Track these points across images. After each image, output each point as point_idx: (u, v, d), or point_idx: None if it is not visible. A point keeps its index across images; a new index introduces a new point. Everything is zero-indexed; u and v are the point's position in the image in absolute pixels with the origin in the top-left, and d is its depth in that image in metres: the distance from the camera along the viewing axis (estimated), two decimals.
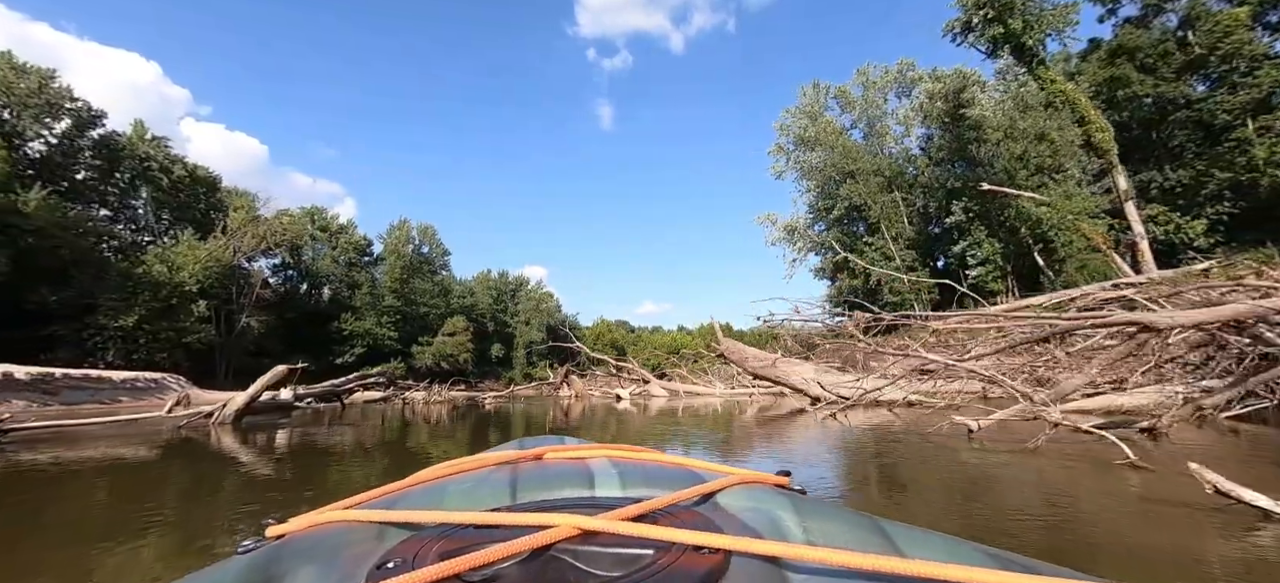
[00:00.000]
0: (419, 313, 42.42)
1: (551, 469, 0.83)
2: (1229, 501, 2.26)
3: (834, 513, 0.63)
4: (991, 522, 2.51)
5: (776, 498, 0.68)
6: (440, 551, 0.54)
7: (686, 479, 0.76)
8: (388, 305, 39.67)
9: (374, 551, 0.57)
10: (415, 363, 40.12)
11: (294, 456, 5.32)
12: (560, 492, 0.74)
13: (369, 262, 43.49)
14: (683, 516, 0.63)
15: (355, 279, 40.72)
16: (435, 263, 44.35)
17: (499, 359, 48.23)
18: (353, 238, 40.81)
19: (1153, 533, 2.25)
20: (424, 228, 43.60)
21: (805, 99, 28.87)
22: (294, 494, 3.56)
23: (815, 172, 28.28)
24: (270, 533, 0.65)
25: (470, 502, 0.71)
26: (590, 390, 17.00)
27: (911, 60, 26.05)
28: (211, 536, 2.57)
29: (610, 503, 0.68)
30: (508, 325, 51.16)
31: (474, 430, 7.59)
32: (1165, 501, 2.64)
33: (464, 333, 41.57)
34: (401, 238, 41.08)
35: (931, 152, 24.98)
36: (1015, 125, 21.08)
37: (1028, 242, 20.41)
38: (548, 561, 0.51)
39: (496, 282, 53.90)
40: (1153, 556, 1.97)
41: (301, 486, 3.91)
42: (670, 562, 0.50)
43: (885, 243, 24.72)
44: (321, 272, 40.07)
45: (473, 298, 50.43)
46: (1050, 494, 3.00)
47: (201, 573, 0.53)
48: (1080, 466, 3.61)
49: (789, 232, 30.74)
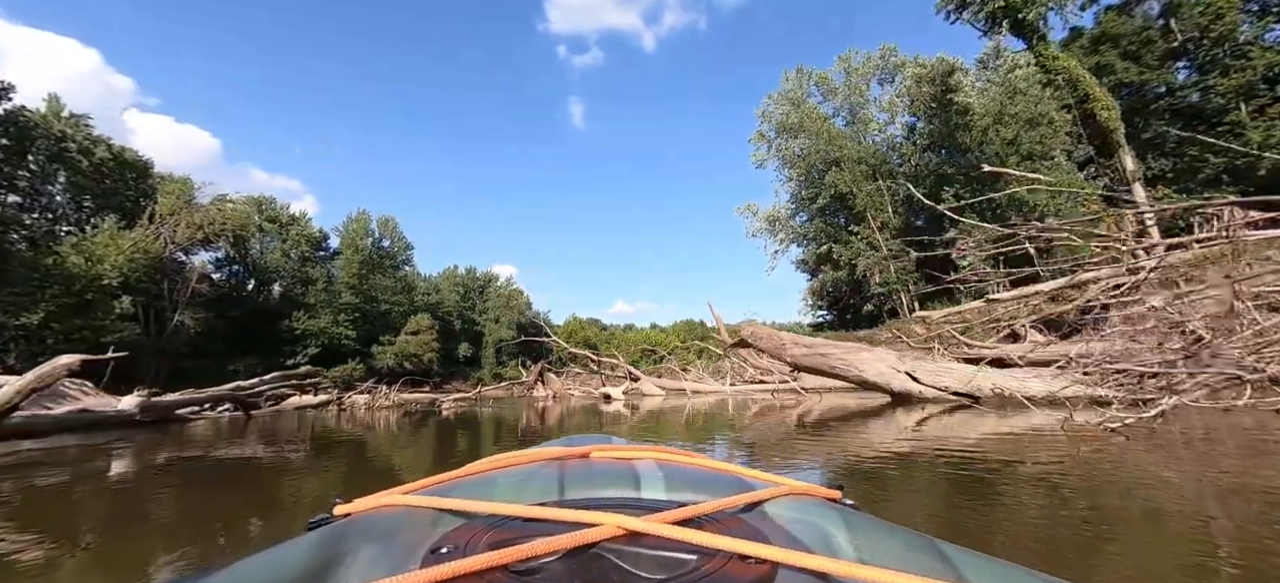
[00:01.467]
0: (380, 311, 39.82)
1: (598, 468, 0.83)
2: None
3: (889, 531, 0.61)
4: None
5: (827, 512, 0.67)
6: (490, 540, 0.56)
7: (734, 486, 0.75)
8: (345, 302, 37.01)
9: (429, 535, 0.60)
10: (376, 364, 37.58)
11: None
12: (606, 491, 0.74)
13: (325, 256, 40.62)
14: (729, 523, 0.62)
15: (309, 274, 37.89)
16: (397, 257, 41.77)
17: (467, 359, 45.96)
18: (306, 230, 37.97)
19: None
20: (385, 220, 41.03)
21: (788, 84, 27.90)
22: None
23: (798, 160, 27.34)
24: (337, 511, 0.69)
25: (519, 495, 0.72)
26: (569, 389, 15.42)
27: (893, 45, 25.42)
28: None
29: (656, 505, 0.68)
30: (476, 323, 48.88)
31: (407, 451, 5.34)
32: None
33: (428, 331, 39.22)
34: (359, 230, 38.43)
35: (918, 138, 24.30)
36: (1005, 110, 20.48)
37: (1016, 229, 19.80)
38: (592, 558, 0.51)
39: (464, 278, 51.52)
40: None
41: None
42: (715, 569, 0.49)
43: (871, 232, 23.91)
44: (271, 266, 37.10)
45: (438, 295, 47.95)
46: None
47: (278, 546, 0.58)
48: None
49: (770, 222, 29.77)
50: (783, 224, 29.64)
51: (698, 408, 8.47)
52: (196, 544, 2.28)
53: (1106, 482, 2.75)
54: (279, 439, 6.27)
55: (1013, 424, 4.90)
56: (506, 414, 10.33)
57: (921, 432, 4.76)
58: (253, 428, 7.92)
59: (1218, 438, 3.69)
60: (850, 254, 24.77)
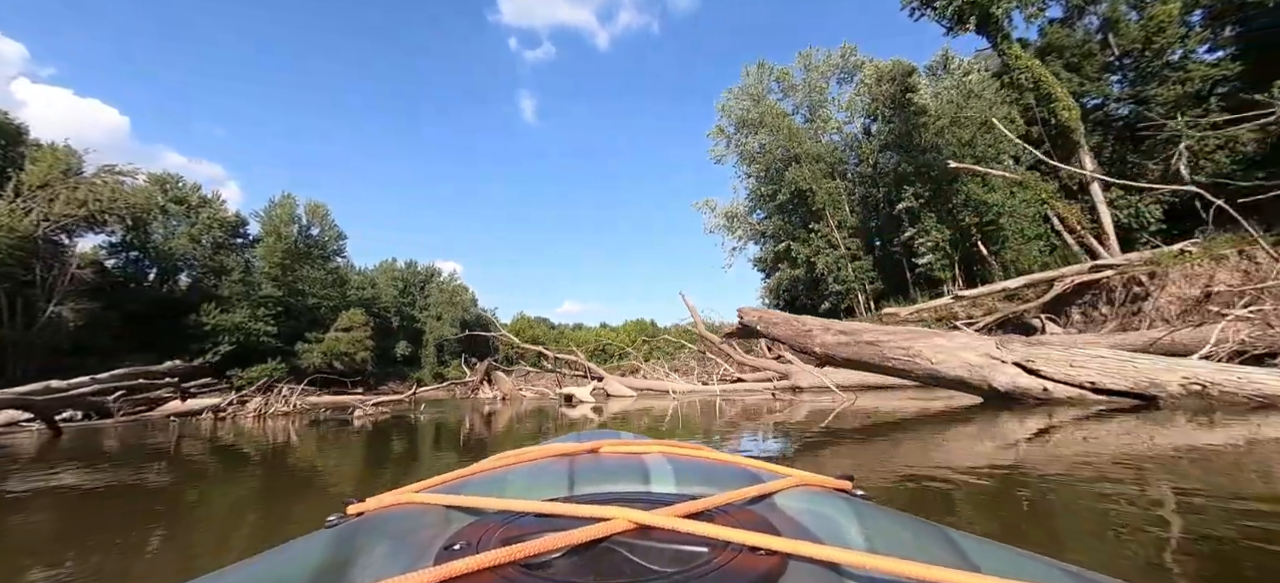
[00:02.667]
0: (306, 305, 36.39)
1: (608, 463, 0.83)
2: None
3: (899, 521, 0.61)
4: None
5: (837, 502, 0.67)
6: (502, 537, 0.56)
7: (743, 478, 0.75)
8: (265, 295, 33.49)
9: (442, 532, 0.60)
10: (300, 363, 34.21)
11: None
12: (616, 486, 0.74)
13: (243, 244, 36.67)
14: (739, 515, 0.62)
15: (223, 264, 34.01)
16: (328, 247, 38.32)
17: (405, 358, 43.02)
18: (219, 214, 34.04)
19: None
20: (314, 206, 37.53)
21: (748, 79, 27.38)
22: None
23: (758, 156, 26.87)
24: (351, 510, 0.69)
25: (530, 491, 0.72)
26: (520, 389, 13.86)
27: (853, 45, 25.40)
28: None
29: (666, 499, 0.68)
30: (416, 320, 45.92)
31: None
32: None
33: (362, 329, 36.21)
34: (284, 216, 34.89)
35: (877, 137, 24.34)
36: (960, 112, 20.68)
37: (973, 229, 20.02)
38: (603, 553, 0.52)
39: (403, 272, 48.32)
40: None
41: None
42: (726, 561, 0.49)
43: (830, 230, 23.72)
44: (178, 253, 32.98)
45: (374, 290, 44.66)
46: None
47: (295, 542, 0.58)
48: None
49: (728, 219, 29.20)
50: (741, 221, 29.14)
51: (682, 412, 7.18)
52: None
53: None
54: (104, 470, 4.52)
55: (1230, 436, 3.38)
56: (448, 419, 8.77)
57: (1095, 454, 2.99)
58: (78, 445, 6.02)
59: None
60: (808, 252, 24.48)
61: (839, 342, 5.28)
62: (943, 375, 4.94)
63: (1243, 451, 3.06)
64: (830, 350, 5.16)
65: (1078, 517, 2.05)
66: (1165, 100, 17.48)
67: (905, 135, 22.00)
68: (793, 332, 5.79)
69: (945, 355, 4.81)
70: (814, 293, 26.09)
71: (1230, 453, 3.02)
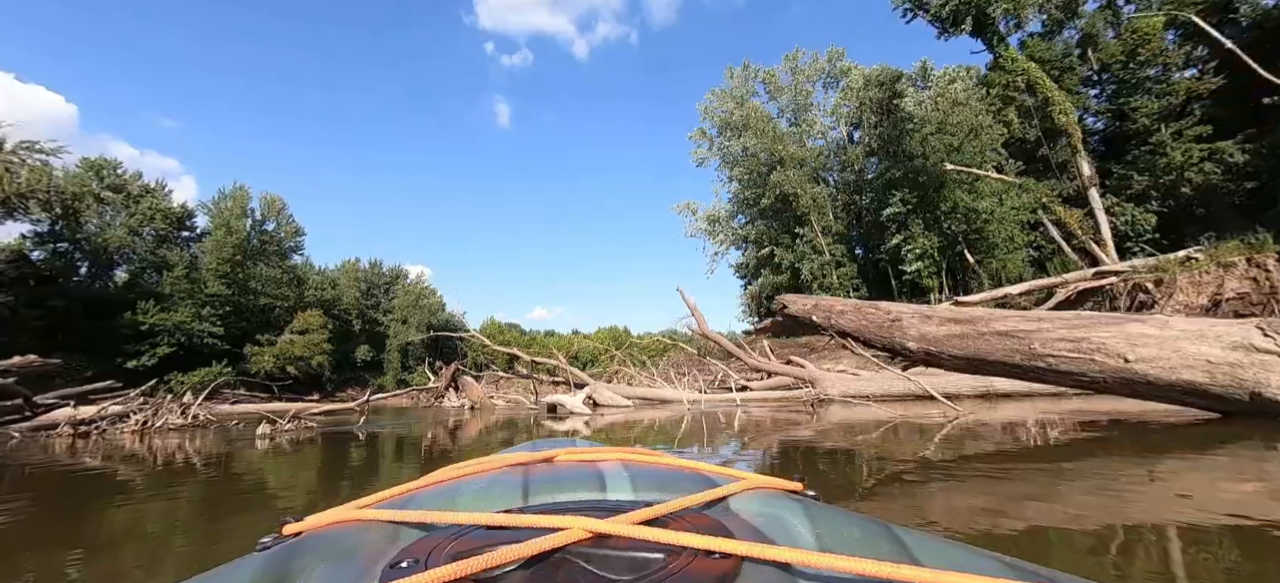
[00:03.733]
0: (258, 305, 33.91)
1: (563, 472, 0.81)
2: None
3: (848, 520, 0.62)
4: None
5: (789, 504, 0.67)
6: (453, 551, 0.54)
7: (699, 483, 0.75)
8: (212, 293, 30.95)
9: (388, 550, 0.58)
10: (249, 368, 31.76)
11: None
12: (572, 494, 0.73)
13: (190, 238, 33.99)
14: (694, 520, 0.62)
15: (166, 258, 31.33)
16: (284, 243, 35.91)
17: (366, 363, 40.69)
18: (161, 204, 31.42)
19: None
20: (270, 199, 35.16)
21: (733, 81, 26.82)
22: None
23: (741, 159, 26.25)
24: (287, 531, 0.64)
25: (482, 503, 0.70)
26: (491, 397, 12.48)
27: (841, 49, 25.10)
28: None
29: (622, 506, 0.67)
30: (380, 324, 43.58)
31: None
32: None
33: (319, 331, 33.90)
34: (236, 209, 32.47)
35: (864, 142, 23.99)
36: (947, 119, 20.44)
37: (959, 236, 19.70)
38: (559, 563, 0.51)
39: (367, 273, 45.95)
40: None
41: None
42: (681, 566, 0.49)
43: (815, 235, 23.17)
44: (113, 246, 30.22)
45: (335, 290, 42.21)
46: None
47: (223, 568, 0.54)
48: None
49: (711, 223, 28.45)
50: (723, 225, 28.44)
51: (702, 425, 5.98)
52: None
53: None
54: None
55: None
56: (406, 431, 7.47)
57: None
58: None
59: None
60: (793, 258, 23.89)
61: (949, 334, 3.98)
62: (1157, 381, 3.37)
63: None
64: (935, 346, 3.89)
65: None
66: (1149, 112, 17.51)
67: (893, 141, 21.68)
68: (871, 323, 4.56)
69: (1155, 349, 3.33)
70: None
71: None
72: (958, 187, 19.44)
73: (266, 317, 34.27)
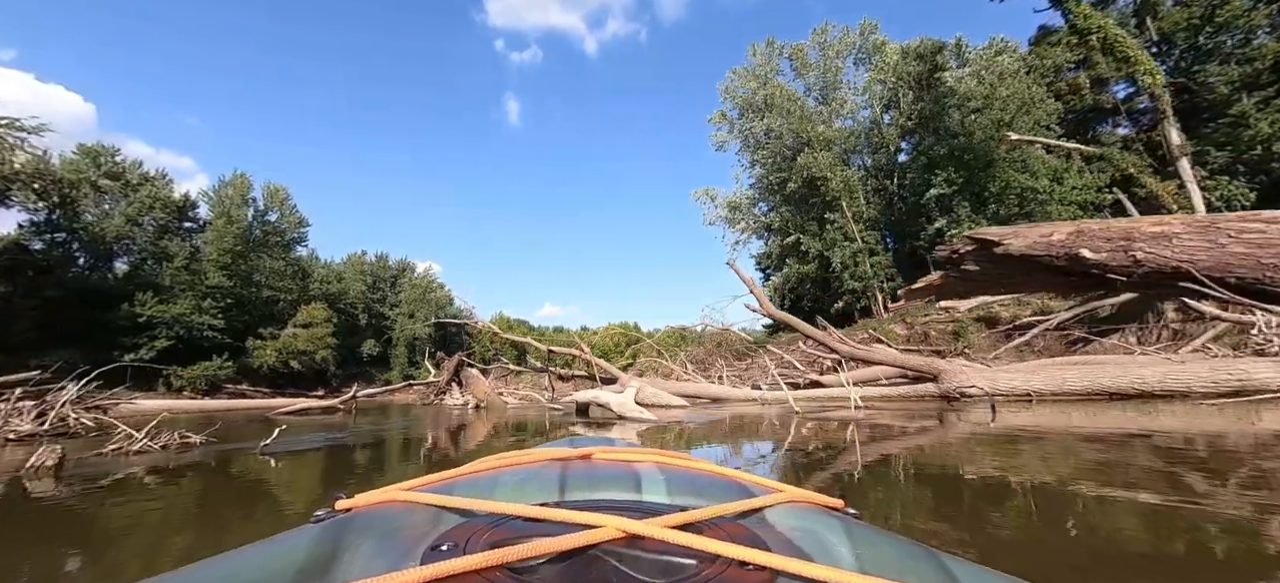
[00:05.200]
0: (261, 297, 32.88)
1: (599, 470, 0.82)
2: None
3: (890, 542, 0.60)
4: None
5: (829, 521, 0.66)
6: (490, 539, 0.56)
7: (735, 492, 0.74)
8: (213, 285, 29.92)
9: (430, 532, 0.60)
10: (251, 362, 30.73)
11: None
12: (606, 493, 0.73)
13: (193, 229, 32.98)
14: (729, 528, 0.62)
15: (167, 249, 30.35)
16: (287, 235, 34.84)
17: (372, 358, 39.64)
18: (160, 193, 30.41)
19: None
20: (273, 189, 34.07)
21: (756, 59, 25.17)
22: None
23: (764, 143, 24.63)
24: (339, 506, 0.68)
25: (520, 495, 0.71)
26: (501, 392, 10.99)
27: (875, 22, 23.36)
28: None
29: (656, 509, 0.67)
30: (386, 318, 42.52)
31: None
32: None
33: (324, 325, 32.81)
34: (237, 198, 31.40)
35: (899, 120, 22.27)
36: (995, 93, 18.73)
37: (1010, 219, 18.01)
38: (591, 560, 0.51)
39: (373, 266, 44.89)
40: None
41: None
42: (714, 574, 0.49)
43: (846, 222, 21.51)
44: (111, 235, 29.25)
45: (341, 284, 41.20)
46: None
47: (281, 536, 0.57)
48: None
49: (731, 209, 26.86)
50: (744, 212, 26.84)
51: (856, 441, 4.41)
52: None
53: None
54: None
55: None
56: (383, 440, 6.06)
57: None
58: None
59: None
60: (821, 246, 22.26)
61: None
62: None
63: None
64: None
65: None
66: (1229, 80, 15.73)
67: (934, 118, 19.98)
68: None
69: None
70: (824, 291, 23.88)
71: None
72: (1009, 165, 17.75)
73: (269, 310, 33.24)
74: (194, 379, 27.89)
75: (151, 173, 31.08)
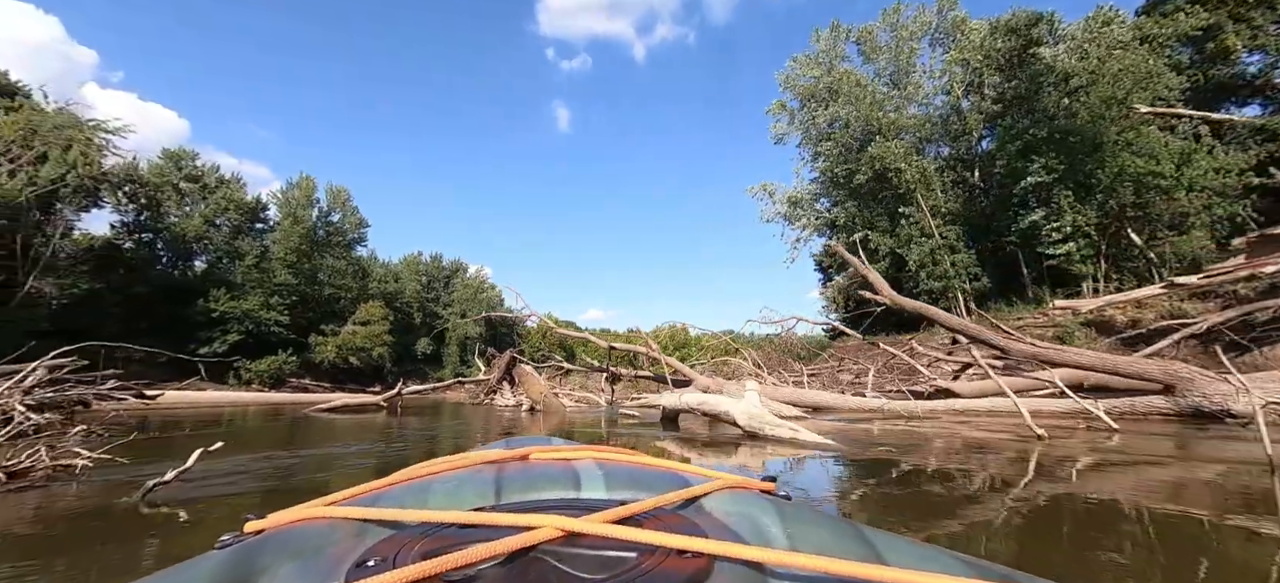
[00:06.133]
0: (323, 295, 33.97)
1: (536, 470, 0.80)
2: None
3: (818, 519, 0.62)
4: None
5: (761, 503, 0.66)
6: (422, 550, 0.54)
7: (672, 483, 0.74)
8: (280, 282, 31.08)
9: (355, 548, 0.56)
10: (314, 357, 31.74)
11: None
12: (545, 493, 0.72)
13: (263, 229, 34.53)
14: (667, 519, 0.62)
15: (239, 248, 31.83)
16: (348, 235, 35.90)
17: (426, 356, 40.32)
18: (235, 195, 31.89)
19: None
20: (335, 190, 35.23)
21: (820, 44, 23.63)
22: None
23: (829, 133, 23.02)
24: (249, 528, 0.62)
25: (454, 501, 0.69)
26: (557, 392, 10.02)
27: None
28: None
29: (595, 505, 0.66)
30: (439, 317, 43.20)
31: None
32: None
33: (381, 322, 33.53)
34: (302, 199, 32.57)
35: (983, 105, 20.18)
36: (1103, 68, 16.49)
37: (1123, 210, 15.72)
38: (531, 562, 0.51)
39: (428, 266, 45.85)
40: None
41: None
42: (654, 565, 0.50)
43: (923, 216, 19.63)
44: (190, 235, 30.91)
45: (397, 283, 42.21)
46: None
47: (179, 566, 0.52)
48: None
49: (792, 205, 25.32)
50: (806, 208, 25.24)
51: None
52: None
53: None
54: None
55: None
56: (407, 456, 5.27)
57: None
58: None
59: None
60: (893, 243, 20.45)
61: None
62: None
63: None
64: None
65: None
66: None
67: (1028, 98, 17.88)
68: None
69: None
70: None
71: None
72: (1123, 148, 15.52)
73: (331, 307, 34.31)
74: (261, 373, 29.00)
75: (227, 176, 32.72)
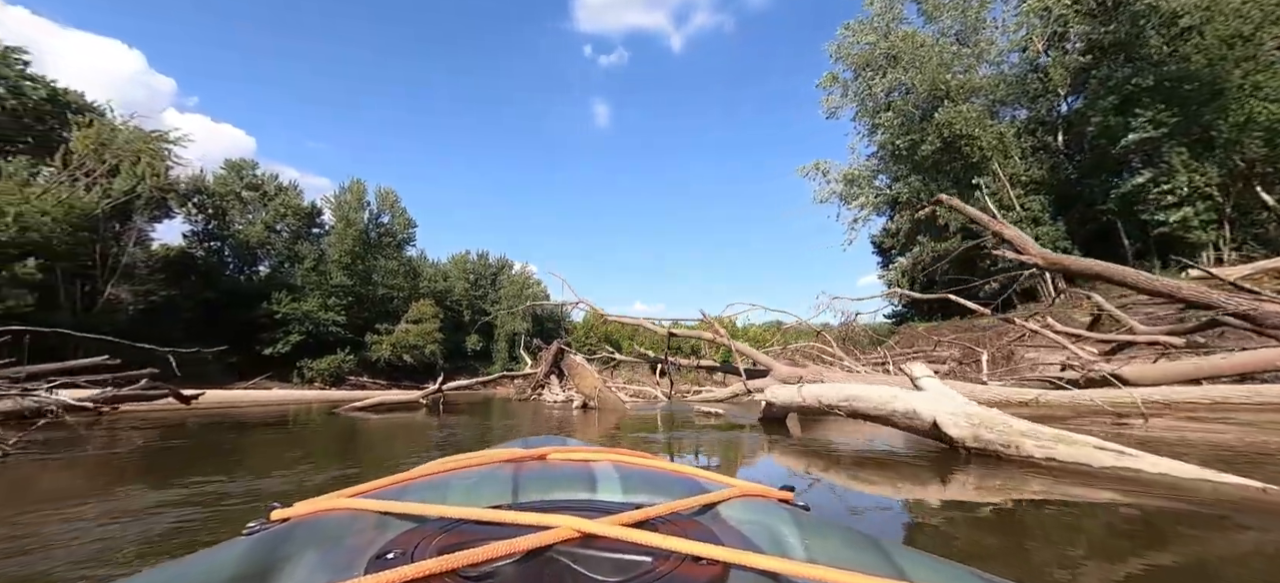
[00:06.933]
0: (377, 295, 34.86)
1: (554, 470, 0.81)
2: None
3: (836, 532, 0.62)
4: None
5: (779, 513, 0.66)
6: (440, 545, 0.55)
7: (689, 488, 0.75)
8: (336, 284, 32.03)
9: (375, 540, 0.58)
10: (370, 355, 32.60)
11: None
12: (562, 493, 0.73)
13: (320, 233, 35.79)
14: (683, 524, 0.62)
15: (298, 252, 33.05)
16: (398, 235, 36.70)
17: (476, 353, 40.86)
18: (292, 201, 33.08)
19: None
20: (384, 192, 36.04)
21: (875, 8, 21.88)
22: None
23: (889, 103, 21.31)
24: (275, 516, 0.65)
25: (472, 498, 0.70)
26: (612, 387, 9.27)
27: None
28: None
29: (611, 507, 0.67)
30: (487, 313, 43.73)
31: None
32: None
33: (432, 320, 34.09)
34: (353, 201, 33.44)
35: (1065, 60, 18.05)
36: (1222, 1, 14.25)
37: (1252, 167, 13.54)
38: (546, 562, 0.51)
39: (475, 264, 46.48)
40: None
41: None
42: (668, 570, 0.50)
43: (1001, 187, 17.79)
44: (253, 241, 32.30)
45: (447, 282, 43.00)
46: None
47: (210, 550, 0.54)
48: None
49: (848, 183, 23.72)
50: (864, 186, 23.57)
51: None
52: None
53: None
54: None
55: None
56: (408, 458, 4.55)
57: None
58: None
59: None
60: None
61: None
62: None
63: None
64: None
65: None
66: None
67: (1128, 44, 15.78)
68: None
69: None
70: (969, 271, 20.11)
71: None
72: (1251, 93, 13.35)
73: (385, 307, 35.18)
74: (322, 371, 30.02)
75: (284, 184, 34.00)
